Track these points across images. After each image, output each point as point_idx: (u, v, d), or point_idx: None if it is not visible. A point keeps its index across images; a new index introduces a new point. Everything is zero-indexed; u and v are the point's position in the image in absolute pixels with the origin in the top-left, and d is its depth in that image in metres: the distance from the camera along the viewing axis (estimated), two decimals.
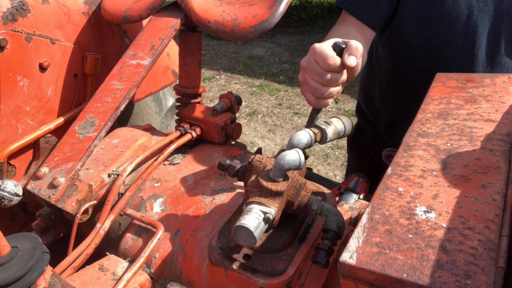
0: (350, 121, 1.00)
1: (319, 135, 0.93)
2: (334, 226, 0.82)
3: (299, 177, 0.87)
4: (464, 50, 1.29)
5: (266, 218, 0.77)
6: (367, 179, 1.44)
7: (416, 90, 1.15)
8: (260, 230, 0.77)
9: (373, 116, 1.68)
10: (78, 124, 1.21)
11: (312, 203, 0.84)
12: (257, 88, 5.10)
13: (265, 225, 0.78)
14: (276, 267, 0.83)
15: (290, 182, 0.82)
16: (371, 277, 0.56)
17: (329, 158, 3.84)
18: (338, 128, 0.96)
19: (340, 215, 0.83)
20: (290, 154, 0.80)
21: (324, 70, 0.89)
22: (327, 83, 0.90)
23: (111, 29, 1.59)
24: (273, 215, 0.78)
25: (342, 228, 0.82)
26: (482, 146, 0.76)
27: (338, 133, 0.96)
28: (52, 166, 1.15)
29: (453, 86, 0.99)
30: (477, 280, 0.51)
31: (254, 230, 0.75)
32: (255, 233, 0.75)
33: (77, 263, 0.99)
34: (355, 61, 0.87)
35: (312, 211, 0.84)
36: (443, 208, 0.63)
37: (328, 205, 0.85)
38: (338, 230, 0.81)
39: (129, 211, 1.09)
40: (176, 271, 0.99)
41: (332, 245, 0.81)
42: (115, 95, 1.22)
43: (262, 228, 0.77)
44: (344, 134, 0.98)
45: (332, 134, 0.95)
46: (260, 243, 0.86)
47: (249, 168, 0.89)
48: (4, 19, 1.24)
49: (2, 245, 0.63)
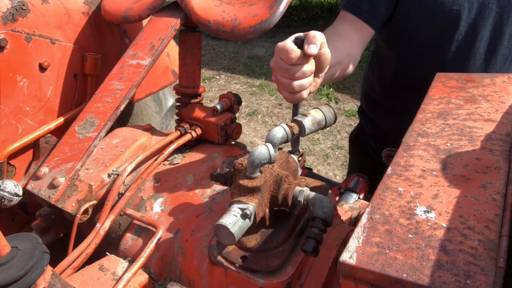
0: (331, 110, 0.98)
1: (296, 128, 0.92)
2: (320, 213, 0.81)
3: (280, 171, 0.86)
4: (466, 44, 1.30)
5: (244, 213, 0.78)
6: (367, 179, 1.44)
7: (422, 87, 1.15)
8: (240, 227, 0.77)
9: (375, 116, 1.68)
10: (78, 124, 1.21)
11: (297, 194, 0.84)
12: (257, 88, 5.10)
13: (245, 220, 0.78)
14: (271, 263, 0.83)
15: (269, 176, 0.83)
16: (371, 277, 0.56)
17: (329, 158, 3.84)
18: (317, 118, 0.95)
19: (327, 202, 0.83)
20: (258, 149, 0.81)
21: (289, 65, 0.89)
22: (295, 77, 0.90)
23: (111, 29, 1.59)
24: (251, 210, 0.79)
25: (329, 214, 0.82)
26: (482, 146, 0.76)
27: (317, 123, 0.95)
28: (52, 166, 1.15)
29: (453, 86, 0.99)
30: (477, 280, 0.51)
31: (231, 226, 0.76)
32: (233, 229, 0.76)
33: (77, 263, 0.99)
34: (315, 48, 0.86)
35: (299, 202, 0.84)
36: (443, 208, 0.63)
37: (315, 194, 0.85)
38: (324, 216, 0.81)
39: (129, 211, 1.09)
40: (176, 271, 0.99)
41: (320, 232, 0.80)
42: (115, 95, 1.22)
43: (242, 224, 0.78)
44: (326, 123, 0.97)
45: (311, 125, 0.94)
46: (255, 243, 0.86)
47: (233, 173, 0.91)
48: (4, 19, 1.24)
49: (2, 245, 0.63)
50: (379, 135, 1.68)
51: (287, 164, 0.92)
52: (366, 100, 1.72)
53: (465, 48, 1.31)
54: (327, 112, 0.97)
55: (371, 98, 1.68)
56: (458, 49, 1.31)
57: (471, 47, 1.30)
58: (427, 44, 1.34)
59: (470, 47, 1.31)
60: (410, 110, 1.11)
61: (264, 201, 0.83)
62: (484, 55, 1.32)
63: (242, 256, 0.86)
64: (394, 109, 1.57)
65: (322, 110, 0.97)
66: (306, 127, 0.93)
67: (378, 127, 1.67)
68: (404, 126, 0.94)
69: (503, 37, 1.29)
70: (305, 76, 0.90)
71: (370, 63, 1.64)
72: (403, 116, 1.50)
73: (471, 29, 1.28)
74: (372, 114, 1.70)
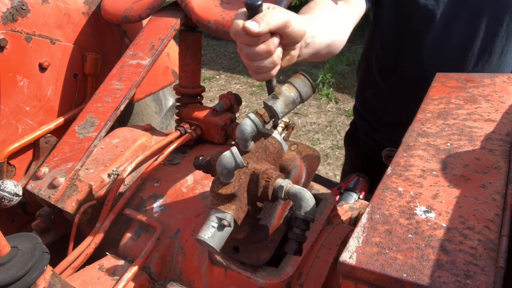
0: (305, 81, 0.85)
1: (266, 115, 0.84)
2: (299, 213, 0.78)
3: (257, 167, 0.82)
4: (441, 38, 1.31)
5: (221, 224, 0.77)
6: (367, 179, 1.44)
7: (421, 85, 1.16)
8: (219, 237, 0.77)
9: (367, 113, 1.69)
10: (78, 124, 1.21)
11: (277, 190, 0.81)
12: (257, 88, 5.09)
13: (224, 230, 0.77)
14: (261, 256, 0.82)
15: (243, 178, 0.80)
16: (371, 277, 0.56)
17: (329, 158, 3.84)
18: (290, 97, 0.83)
19: (307, 199, 0.79)
20: (224, 157, 0.77)
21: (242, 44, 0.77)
22: (248, 57, 0.79)
23: (111, 29, 1.59)
24: (229, 219, 0.77)
25: (310, 213, 0.78)
26: (482, 146, 0.76)
27: (291, 102, 0.84)
28: (52, 166, 1.15)
29: (453, 86, 0.99)
30: (477, 280, 0.51)
31: (210, 240, 0.76)
32: (212, 242, 0.76)
33: (77, 263, 0.99)
34: (256, 27, 0.72)
35: (280, 197, 0.81)
36: (443, 208, 0.63)
37: (295, 188, 0.80)
38: (304, 216, 0.78)
39: (129, 211, 1.09)
40: (176, 271, 0.99)
41: (301, 232, 0.78)
42: (115, 95, 1.22)
43: (221, 234, 0.77)
44: (302, 99, 0.85)
45: (284, 107, 0.83)
46: (245, 235, 0.85)
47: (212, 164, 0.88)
48: (4, 19, 1.24)
49: (2, 245, 0.63)
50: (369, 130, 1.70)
51: (266, 152, 0.86)
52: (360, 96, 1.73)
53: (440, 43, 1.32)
54: (301, 86, 0.84)
55: (366, 98, 1.69)
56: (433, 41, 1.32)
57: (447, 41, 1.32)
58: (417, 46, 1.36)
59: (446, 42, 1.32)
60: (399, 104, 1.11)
61: (243, 203, 0.80)
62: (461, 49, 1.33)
63: (234, 247, 0.85)
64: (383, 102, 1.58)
65: (295, 85, 0.84)
66: (278, 111, 0.83)
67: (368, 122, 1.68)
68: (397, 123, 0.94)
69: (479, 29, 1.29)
70: (261, 57, 0.78)
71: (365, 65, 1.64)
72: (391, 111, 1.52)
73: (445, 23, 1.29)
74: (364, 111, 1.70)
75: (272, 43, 0.76)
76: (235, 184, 0.79)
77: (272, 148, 0.87)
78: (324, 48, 1.00)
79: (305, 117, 4.42)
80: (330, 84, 4.77)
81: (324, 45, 0.99)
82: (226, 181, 0.79)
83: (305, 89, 0.84)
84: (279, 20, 0.75)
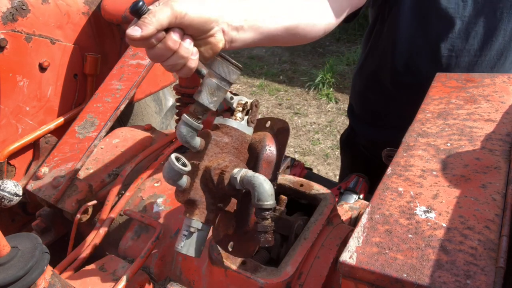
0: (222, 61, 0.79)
1: (198, 110, 0.79)
2: (255, 201, 0.74)
3: (208, 164, 0.79)
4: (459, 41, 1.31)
5: (190, 232, 0.78)
6: (367, 179, 1.44)
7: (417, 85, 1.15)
8: (192, 244, 0.78)
9: (370, 116, 1.67)
10: (78, 124, 1.21)
11: (233, 182, 0.77)
12: (257, 88, 5.10)
13: (196, 235, 0.78)
14: (249, 248, 0.82)
15: (196, 181, 0.78)
16: (371, 277, 0.56)
17: (329, 158, 3.84)
18: (212, 84, 0.78)
19: (258, 185, 0.74)
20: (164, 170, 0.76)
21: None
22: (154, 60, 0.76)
23: (111, 29, 1.59)
24: (195, 225, 0.78)
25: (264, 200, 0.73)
26: (482, 146, 0.76)
27: (216, 88, 0.78)
28: (52, 166, 1.15)
29: (453, 86, 0.99)
30: (477, 280, 0.51)
31: (186, 250, 0.77)
32: (189, 252, 0.77)
33: (77, 263, 0.99)
34: (138, 32, 0.69)
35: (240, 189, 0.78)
36: (443, 208, 0.63)
37: (247, 177, 0.76)
38: (259, 204, 0.74)
39: (129, 211, 1.09)
40: (176, 271, 0.99)
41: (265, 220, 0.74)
42: (115, 95, 1.22)
43: (193, 240, 0.78)
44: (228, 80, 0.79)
45: (209, 96, 0.78)
46: (233, 229, 0.84)
47: None
48: (4, 19, 1.24)
49: (2, 245, 0.63)
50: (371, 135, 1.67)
51: (219, 145, 0.82)
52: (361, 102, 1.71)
53: (458, 45, 1.31)
54: (219, 68, 0.78)
55: (367, 100, 1.67)
56: (452, 46, 1.32)
57: (465, 44, 1.31)
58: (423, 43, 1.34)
59: (464, 44, 1.31)
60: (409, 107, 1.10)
61: (208, 203, 0.79)
62: (479, 52, 1.32)
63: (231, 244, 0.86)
64: (392, 108, 1.56)
65: (213, 70, 0.79)
66: (205, 102, 0.78)
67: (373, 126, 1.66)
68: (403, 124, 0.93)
69: (497, 33, 1.29)
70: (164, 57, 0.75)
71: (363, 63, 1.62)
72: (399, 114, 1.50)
73: (465, 26, 1.28)
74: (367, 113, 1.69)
75: (170, 40, 0.73)
76: (189, 189, 0.78)
77: (227, 138, 0.83)
78: (283, 31, 0.95)
79: (305, 117, 4.42)
80: (330, 84, 4.77)
81: (280, 28, 0.94)
82: (181, 188, 0.78)
83: (225, 70, 0.78)
84: (164, 15, 0.71)
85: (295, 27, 0.98)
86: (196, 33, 0.77)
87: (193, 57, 0.77)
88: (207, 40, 0.79)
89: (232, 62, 0.79)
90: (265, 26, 0.91)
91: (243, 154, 0.84)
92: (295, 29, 0.99)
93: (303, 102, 4.67)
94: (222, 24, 0.80)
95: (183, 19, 0.73)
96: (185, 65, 0.77)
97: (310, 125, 4.31)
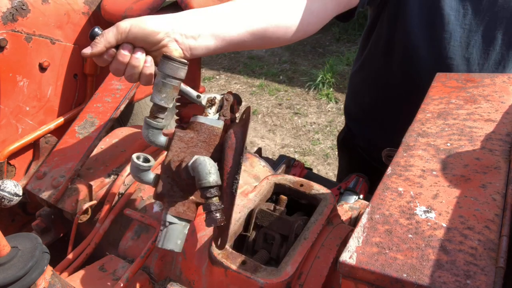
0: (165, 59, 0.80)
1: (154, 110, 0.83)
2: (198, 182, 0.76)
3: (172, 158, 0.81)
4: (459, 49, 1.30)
5: (165, 226, 0.81)
6: (367, 179, 1.44)
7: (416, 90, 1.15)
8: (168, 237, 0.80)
9: (366, 117, 1.67)
10: (78, 124, 1.21)
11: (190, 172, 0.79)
12: (257, 88, 5.10)
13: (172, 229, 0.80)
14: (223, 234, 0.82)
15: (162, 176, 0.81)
16: (371, 277, 0.56)
17: (329, 158, 3.84)
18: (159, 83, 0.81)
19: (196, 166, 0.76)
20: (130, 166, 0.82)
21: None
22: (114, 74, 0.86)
23: None
24: (168, 219, 0.80)
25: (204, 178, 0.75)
26: (482, 146, 0.76)
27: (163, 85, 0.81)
28: (52, 166, 1.15)
29: (453, 86, 0.99)
30: (477, 280, 0.51)
31: (161, 244, 0.80)
32: (164, 245, 0.80)
33: (77, 263, 0.99)
34: (88, 50, 0.80)
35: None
36: (443, 208, 0.63)
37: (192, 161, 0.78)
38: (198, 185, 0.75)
39: (129, 211, 1.09)
40: (176, 271, 0.99)
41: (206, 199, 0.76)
42: (115, 95, 1.22)
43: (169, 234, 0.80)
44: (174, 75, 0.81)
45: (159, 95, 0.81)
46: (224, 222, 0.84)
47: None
48: (4, 19, 1.24)
49: (2, 245, 0.63)
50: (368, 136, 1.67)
51: (184, 140, 0.84)
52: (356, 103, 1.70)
53: (458, 53, 1.31)
54: (163, 67, 0.80)
55: (361, 100, 1.66)
56: (453, 54, 1.31)
57: (464, 52, 1.31)
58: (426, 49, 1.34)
59: (464, 52, 1.31)
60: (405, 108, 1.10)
61: (177, 195, 0.81)
62: (477, 60, 1.32)
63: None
64: (389, 109, 1.56)
65: (158, 70, 0.81)
66: (156, 101, 0.81)
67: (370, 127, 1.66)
68: (400, 126, 0.93)
69: (495, 42, 1.29)
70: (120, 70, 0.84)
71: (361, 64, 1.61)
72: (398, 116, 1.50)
73: (466, 34, 1.28)
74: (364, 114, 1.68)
75: (120, 55, 0.82)
76: (157, 184, 0.82)
77: (192, 133, 0.84)
78: (248, 36, 0.96)
79: (305, 117, 4.42)
80: (330, 84, 4.77)
81: (244, 33, 0.95)
82: (151, 185, 0.83)
83: (167, 67, 0.80)
84: (110, 34, 0.81)
85: (263, 31, 0.98)
86: (145, 45, 0.85)
87: (147, 64, 0.85)
88: (160, 51, 0.86)
89: (173, 59, 0.81)
90: (227, 32, 0.94)
91: (212, 147, 0.86)
92: (264, 33, 0.99)
93: (303, 102, 4.67)
94: (174, 35, 0.87)
95: (128, 34, 0.82)
96: (141, 73, 0.85)
97: (310, 125, 4.31)
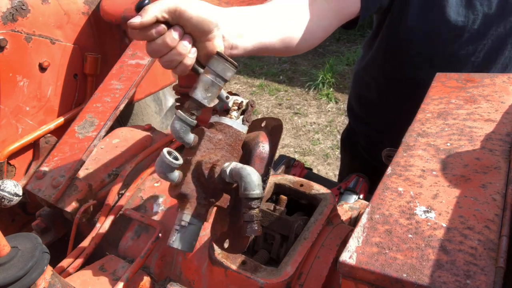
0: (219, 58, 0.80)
1: (192, 107, 0.81)
2: (242, 192, 0.76)
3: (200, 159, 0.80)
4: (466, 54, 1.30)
5: (182, 226, 0.79)
6: (367, 179, 1.44)
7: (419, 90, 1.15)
8: (184, 238, 0.79)
9: (368, 116, 1.67)
10: (78, 124, 1.21)
11: (224, 176, 0.79)
12: (257, 88, 5.10)
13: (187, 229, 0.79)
14: (242, 243, 0.81)
15: (188, 175, 0.79)
16: (371, 277, 0.56)
17: (329, 158, 3.84)
18: (207, 81, 0.80)
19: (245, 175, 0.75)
20: (156, 165, 0.78)
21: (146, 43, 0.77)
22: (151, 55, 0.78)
23: (111, 29, 1.59)
24: (186, 219, 0.79)
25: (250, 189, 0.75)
26: (482, 146, 0.76)
27: (211, 85, 0.80)
28: (52, 166, 1.15)
29: (453, 86, 0.99)
30: (477, 280, 0.51)
31: (177, 244, 0.79)
32: (180, 246, 0.78)
33: (77, 263, 0.99)
34: (138, 19, 0.71)
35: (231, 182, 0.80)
36: (443, 208, 0.63)
37: (236, 169, 0.77)
38: (245, 194, 0.75)
39: (129, 211, 1.09)
40: (176, 271, 0.99)
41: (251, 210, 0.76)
42: (114, 95, 1.22)
43: (184, 235, 0.79)
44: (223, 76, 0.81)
45: (204, 92, 0.80)
46: (227, 225, 0.85)
47: None
48: (4, 19, 1.24)
49: (2, 245, 0.63)
50: (370, 134, 1.67)
51: (213, 141, 0.83)
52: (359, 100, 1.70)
53: (466, 58, 1.31)
54: (215, 65, 0.80)
55: (364, 98, 1.66)
56: (458, 58, 1.31)
57: (471, 56, 1.30)
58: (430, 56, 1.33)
59: (471, 57, 1.30)
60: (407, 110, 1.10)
61: (200, 198, 0.80)
62: (484, 64, 1.32)
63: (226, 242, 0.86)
64: (390, 110, 1.56)
65: (209, 67, 0.81)
66: (199, 98, 0.80)
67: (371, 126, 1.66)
68: (400, 126, 0.93)
69: (504, 47, 1.28)
70: (161, 52, 0.77)
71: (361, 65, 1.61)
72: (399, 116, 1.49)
73: (473, 39, 1.27)
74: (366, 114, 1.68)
75: (169, 37, 0.75)
76: (181, 183, 0.79)
77: (220, 135, 0.84)
78: (278, 42, 0.97)
79: (305, 117, 4.42)
80: (330, 84, 4.77)
81: (276, 39, 0.96)
82: (173, 183, 0.80)
83: (220, 66, 0.80)
84: (165, 5, 0.73)
85: (290, 39, 1.00)
86: (196, 32, 0.78)
87: (190, 55, 0.79)
88: (205, 44, 0.81)
89: (228, 59, 0.80)
90: (263, 35, 0.93)
91: (236, 151, 0.85)
92: (290, 40, 1.01)
93: (303, 102, 4.67)
94: (223, 30, 0.82)
95: (183, 14, 0.75)
96: (181, 62, 0.79)
97: (310, 125, 4.31)
